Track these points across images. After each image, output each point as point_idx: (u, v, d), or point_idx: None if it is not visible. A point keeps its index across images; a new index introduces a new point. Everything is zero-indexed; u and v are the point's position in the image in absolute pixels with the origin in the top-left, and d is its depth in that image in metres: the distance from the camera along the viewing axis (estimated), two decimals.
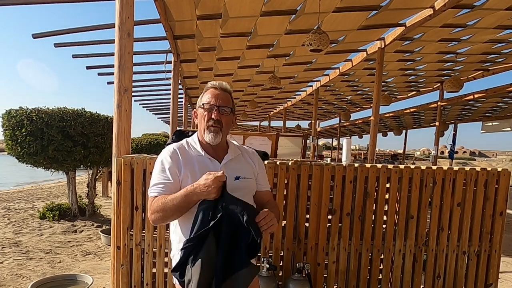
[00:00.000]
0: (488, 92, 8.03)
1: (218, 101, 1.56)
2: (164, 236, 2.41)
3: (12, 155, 5.32)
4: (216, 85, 1.61)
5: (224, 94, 1.59)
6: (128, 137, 2.54)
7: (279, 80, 7.32)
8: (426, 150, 74.61)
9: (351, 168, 2.49)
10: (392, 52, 6.57)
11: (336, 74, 8.42)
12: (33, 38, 4.78)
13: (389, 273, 2.62)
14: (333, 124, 19.26)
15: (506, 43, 6.15)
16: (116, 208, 2.38)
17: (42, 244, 4.61)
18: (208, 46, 6.22)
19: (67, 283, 2.99)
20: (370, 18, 5.08)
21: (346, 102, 13.38)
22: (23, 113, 5.03)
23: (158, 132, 19.89)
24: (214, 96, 1.57)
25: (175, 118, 6.69)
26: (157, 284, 2.43)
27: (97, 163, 5.83)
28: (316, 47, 4.41)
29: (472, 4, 4.58)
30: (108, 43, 5.69)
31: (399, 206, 2.56)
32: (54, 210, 5.83)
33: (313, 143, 12.19)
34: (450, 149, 10.84)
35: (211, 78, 8.80)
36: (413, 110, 11.28)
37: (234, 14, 4.79)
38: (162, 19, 4.70)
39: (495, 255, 2.65)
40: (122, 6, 2.49)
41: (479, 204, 2.60)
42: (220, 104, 1.55)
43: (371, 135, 6.33)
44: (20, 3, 3.97)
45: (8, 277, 3.50)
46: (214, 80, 1.66)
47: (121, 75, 2.49)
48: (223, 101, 1.56)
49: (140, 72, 8.22)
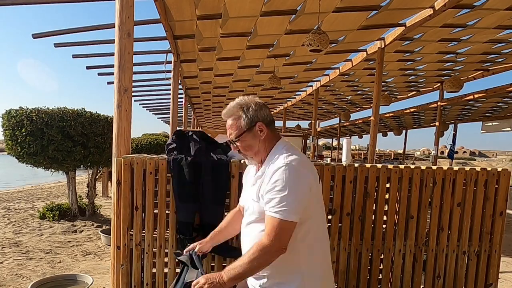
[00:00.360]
0: (488, 92, 8.03)
1: (228, 134, 1.51)
2: (164, 236, 2.41)
3: (12, 155, 5.32)
4: (224, 115, 1.52)
5: (229, 122, 1.50)
6: (128, 137, 2.54)
7: (279, 80, 7.33)
8: (426, 150, 74.61)
9: (351, 168, 2.49)
10: (392, 52, 6.57)
11: (336, 74, 8.42)
12: (33, 38, 4.78)
13: (389, 273, 2.61)
14: (333, 124, 19.26)
15: (506, 43, 6.15)
16: (116, 208, 2.38)
17: (42, 244, 4.61)
18: (208, 46, 6.22)
19: (67, 283, 2.99)
20: (370, 18, 5.08)
21: (346, 102, 13.38)
22: (23, 113, 5.03)
23: (158, 132, 19.91)
24: (226, 129, 1.53)
25: (175, 118, 6.70)
26: (157, 284, 2.43)
27: (97, 163, 5.83)
28: (316, 47, 4.41)
29: (472, 4, 4.58)
30: (108, 43, 5.69)
31: (399, 206, 2.56)
32: (54, 210, 5.84)
33: (313, 143, 12.19)
34: (450, 149, 10.84)
35: (211, 78, 8.80)
36: (413, 110, 11.28)
37: (234, 14, 4.79)
38: (162, 19, 4.70)
39: (495, 255, 2.65)
40: (122, 6, 2.49)
41: (479, 204, 2.60)
42: (230, 139, 1.51)
43: (371, 135, 6.33)
44: (20, 3, 3.97)
45: (8, 277, 3.50)
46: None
47: (121, 75, 2.49)
48: (229, 132, 1.50)
49: (140, 72, 8.23)
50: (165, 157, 2.37)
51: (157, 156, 2.46)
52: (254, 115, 1.47)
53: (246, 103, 1.49)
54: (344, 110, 15.13)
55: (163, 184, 2.37)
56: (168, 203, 2.40)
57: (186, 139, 2.47)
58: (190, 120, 15.88)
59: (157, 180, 2.37)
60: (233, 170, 2.36)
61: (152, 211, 2.39)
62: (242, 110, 1.48)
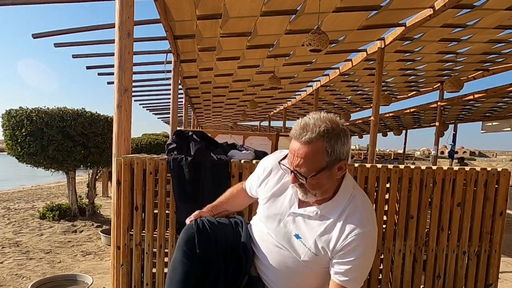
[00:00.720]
0: (488, 92, 8.03)
1: (294, 162, 1.16)
2: (164, 236, 2.41)
3: (12, 155, 5.32)
4: (297, 133, 1.13)
5: (303, 150, 1.12)
6: (128, 137, 2.54)
7: (279, 80, 7.33)
8: (426, 150, 74.63)
9: (351, 168, 2.49)
10: (392, 52, 6.56)
11: (336, 74, 8.42)
12: (33, 38, 4.78)
13: (389, 273, 2.61)
14: None
15: (506, 43, 6.15)
16: (116, 208, 2.38)
17: (42, 244, 4.61)
18: (208, 46, 6.22)
19: (67, 283, 2.99)
20: (370, 18, 5.08)
21: (346, 102, 13.38)
22: (23, 113, 5.03)
23: (158, 132, 19.89)
24: (292, 153, 1.17)
25: (175, 118, 6.70)
26: (157, 284, 2.43)
27: (97, 163, 5.83)
28: (316, 47, 4.41)
29: (472, 4, 4.58)
30: (108, 43, 5.69)
31: (399, 206, 2.56)
32: (54, 210, 5.83)
33: None
34: (451, 149, 10.85)
35: (211, 78, 8.80)
36: (413, 110, 11.28)
37: (234, 14, 4.79)
38: (162, 19, 4.70)
39: (495, 255, 2.65)
40: (122, 6, 2.49)
41: (479, 204, 2.60)
42: (295, 168, 1.16)
43: (371, 135, 6.33)
44: (20, 3, 3.97)
45: (8, 277, 3.50)
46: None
47: (121, 75, 2.49)
48: (300, 163, 1.14)
49: (140, 72, 8.22)
50: (165, 157, 2.37)
51: (157, 156, 2.46)
52: (339, 152, 1.14)
53: (332, 131, 1.12)
54: (344, 110, 15.13)
55: (163, 184, 2.37)
56: (168, 203, 2.41)
57: (186, 139, 2.47)
58: (190, 120, 15.88)
59: (157, 180, 2.37)
60: (233, 170, 2.36)
61: (152, 211, 2.39)
62: (327, 141, 1.12)
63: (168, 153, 2.41)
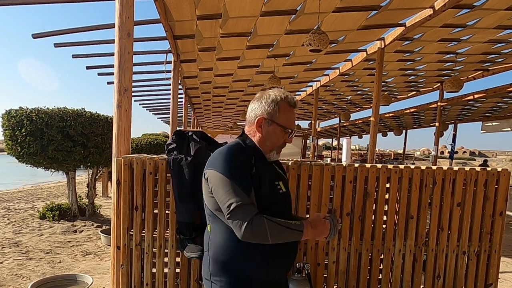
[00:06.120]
0: (488, 92, 8.03)
1: (294, 125, 1.58)
2: (164, 236, 2.41)
3: (12, 155, 5.32)
4: (295, 104, 1.54)
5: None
6: (128, 137, 2.54)
7: (279, 80, 7.32)
8: (426, 150, 74.66)
9: (351, 168, 2.49)
10: (392, 52, 6.57)
11: (336, 74, 8.42)
12: (33, 38, 4.78)
13: (389, 273, 2.62)
14: (333, 124, 19.25)
15: (506, 43, 6.15)
16: (116, 208, 2.38)
17: (42, 244, 4.61)
18: (208, 46, 6.22)
19: (67, 283, 3.00)
20: (370, 18, 5.08)
21: (346, 102, 13.38)
22: (23, 113, 5.04)
23: (158, 132, 19.90)
24: (294, 120, 1.56)
25: (175, 118, 6.69)
26: (157, 284, 2.43)
27: (97, 163, 5.83)
28: (316, 47, 4.41)
29: (472, 4, 4.58)
30: (108, 43, 5.69)
31: (399, 206, 2.56)
32: (54, 210, 5.84)
33: (313, 143, 12.19)
34: (451, 149, 10.85)
35: (211, 78, 8.80)
36: (413, 110, 11.28)
37: (234, 14, 4.79)
38: (162, 19, 4.70)
39: (495, 255, 2.65)
40: (122, 6, 2.49)
41: (479, 204, 2.60)
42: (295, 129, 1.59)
43: (371, 135, 6.33)
44: (20, 3, 3.97)
45: (8, 277, 3.50)
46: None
47: (121, 75, 2.49)
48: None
49: (140, 72, 8.22)
50: (165, 157, 2.37)
51: (157, 156, 2.46)
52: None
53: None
54: (344, 110, 15.13)
55: (163, 184, 2.37)
56: (168, 203, 2.41)
57: (186, 139, 2.47)
58: (190, 120, 15.87)
59: (157, 180, 2.37)
60: None
61: (152, 211, 2.39)
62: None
63: (168, 153, 2.40)
